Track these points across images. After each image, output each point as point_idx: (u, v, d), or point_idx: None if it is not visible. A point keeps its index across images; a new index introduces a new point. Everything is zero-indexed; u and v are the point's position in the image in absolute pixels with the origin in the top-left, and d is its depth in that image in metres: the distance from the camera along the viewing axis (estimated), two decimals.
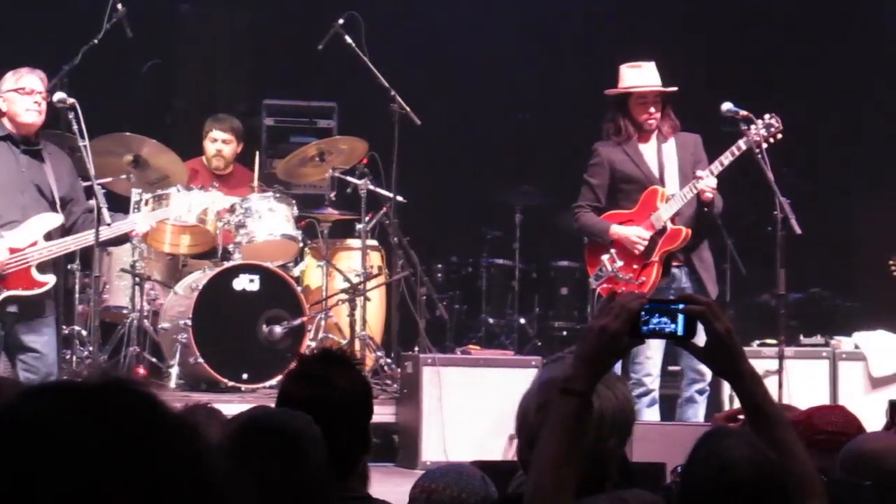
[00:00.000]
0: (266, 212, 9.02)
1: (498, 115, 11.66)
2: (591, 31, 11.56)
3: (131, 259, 8.90)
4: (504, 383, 7.97)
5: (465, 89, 11.42)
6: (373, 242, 9.48)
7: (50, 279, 7.34)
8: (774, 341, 8.10)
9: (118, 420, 1.26)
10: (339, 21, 9.26)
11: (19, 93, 7.29)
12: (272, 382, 8.66)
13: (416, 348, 8.86)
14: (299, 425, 2.80)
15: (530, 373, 7.48)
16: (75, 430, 1.24)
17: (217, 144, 9.64)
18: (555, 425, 2.55)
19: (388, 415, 8.45)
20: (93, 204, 7.40)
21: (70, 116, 7.46)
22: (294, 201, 9.22)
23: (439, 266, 10.83)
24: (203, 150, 9.71)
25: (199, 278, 8.92)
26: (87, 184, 7.55)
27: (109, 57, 9.09)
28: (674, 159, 7.88)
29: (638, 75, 7.83)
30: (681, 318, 2.68)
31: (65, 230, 7.45)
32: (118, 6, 8.61)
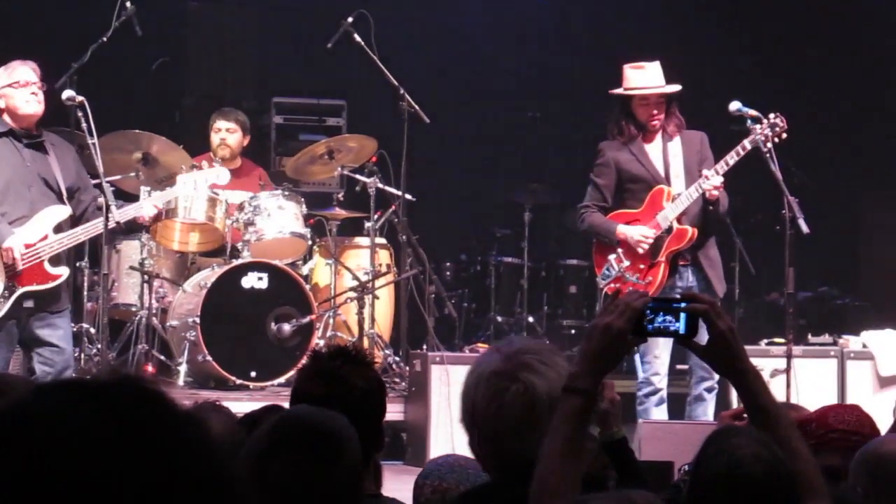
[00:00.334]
0: (275, 210, 9.02)
1: (507, 114, 11.66)
2: (601, 28, 11.55)
3: (140, 257, 8.90)
4: None
5: (475, 88, 11.42)
6: (381, 240, 9.48)
7: (63, 271, 7.30)
8: (782, 340, 8.09)
9: (129, 417, 1.27)
10: (349, 19, 9.26)
11: (14, 87, 7.20)
12: (281, 380, 8.68)
13: (424, 346, 8.86)
14: (338, 425, 2.77)
15: None
16: (87, 426, 1.25)
17: (221, 134, 9.60)
18: (559, 423, 2.56)
19: (397, 413, 8.45)
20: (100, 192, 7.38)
21: (79, 114, 7.44)
22: (303, 199, 9.22)
23: (448, 264, 10.83)
24: (210, 145, 9.69)
25: (207, 276, 8.93)
26: (97, 181, 7.53)
27: (118, 55, 9.10)
28: (679, 158, 7.86)
29: (641, 76, 7.80)
30: (683, 316, 2.68)
31: (74, 220, 7.39)
32: (127, 4, 8.59)
